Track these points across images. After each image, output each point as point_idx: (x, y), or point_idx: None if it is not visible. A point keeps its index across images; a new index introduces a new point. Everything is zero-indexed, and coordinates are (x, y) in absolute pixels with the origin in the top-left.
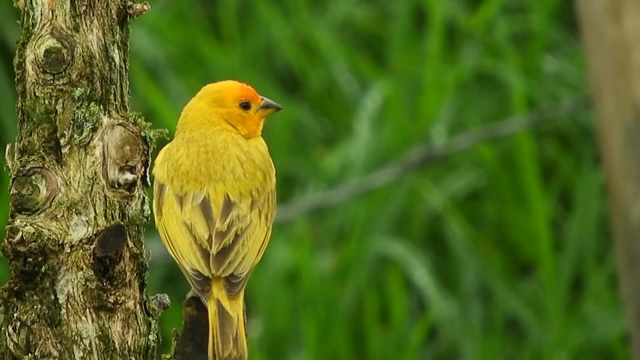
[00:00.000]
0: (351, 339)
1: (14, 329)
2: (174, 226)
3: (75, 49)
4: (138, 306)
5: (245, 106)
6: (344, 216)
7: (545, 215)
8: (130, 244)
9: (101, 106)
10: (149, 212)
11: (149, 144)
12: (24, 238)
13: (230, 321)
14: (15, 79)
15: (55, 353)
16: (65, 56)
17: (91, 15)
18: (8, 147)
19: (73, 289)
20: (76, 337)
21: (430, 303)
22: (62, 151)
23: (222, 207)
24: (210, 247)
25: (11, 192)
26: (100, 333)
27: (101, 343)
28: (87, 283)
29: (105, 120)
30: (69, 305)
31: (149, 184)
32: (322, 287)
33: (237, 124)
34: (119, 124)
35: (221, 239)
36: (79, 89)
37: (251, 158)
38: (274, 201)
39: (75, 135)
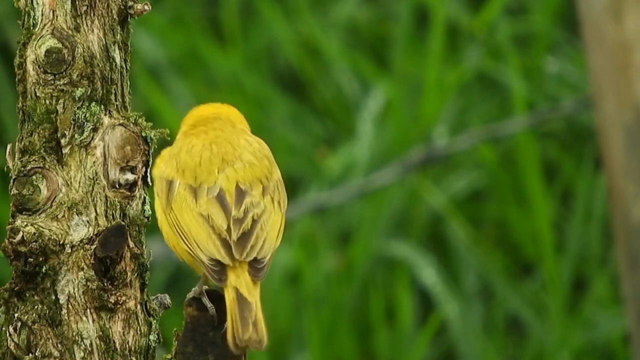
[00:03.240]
0: (355, 340)
1: (15, 329)
2: (190, 218)
3: (76, 49)
4: (139, 306)
5: None
6: (346, 217)
7: (548, 215)
8: (131, 244)
9: (102, 106)
10: (150, 212)
11: (150, 144)
12: (25, 238)
13: (249, 307)
14: (16, 79)
15: (56, 353)
16: (66, 56)
17: (92, 15)
18: (9, 147)
19: (74, 289)
20: (77, 338)
21: (439, 302)
22: (63, 151)
23: (235, 196)
24: (230, 236)
25: (12, 192)
26: (100, 333)
27: (102, 343)
28: (88, 283)
29: (106, 120)
30: (69, 306)
31: (150, 184)
32: (325, 288)
33: None
34: (119, 124)
35: (239, 224)
36: (79, 89)
37: (257, 145)
38: (284, 190)
39: (76, 136)
